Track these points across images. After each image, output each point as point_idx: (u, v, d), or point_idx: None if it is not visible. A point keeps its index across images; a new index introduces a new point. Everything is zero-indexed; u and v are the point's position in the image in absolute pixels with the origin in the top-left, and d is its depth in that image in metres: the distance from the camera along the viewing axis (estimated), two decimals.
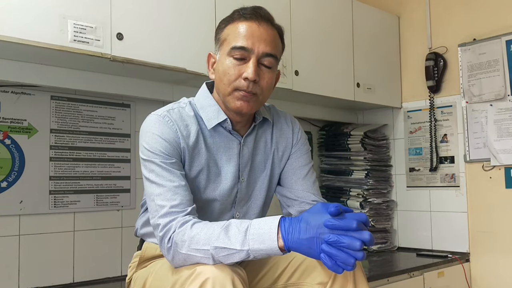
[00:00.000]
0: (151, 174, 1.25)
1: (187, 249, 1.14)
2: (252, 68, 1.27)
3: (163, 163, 1.25)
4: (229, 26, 1.32)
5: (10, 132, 1.78)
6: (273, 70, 1.34)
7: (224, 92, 1.31)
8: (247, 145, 1.41)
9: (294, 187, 1.47)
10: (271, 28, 1.32)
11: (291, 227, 1.10)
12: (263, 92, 1.32)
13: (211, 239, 1.12)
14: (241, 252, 1.10)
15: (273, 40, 1.32)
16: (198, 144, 1.33)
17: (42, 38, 1.48)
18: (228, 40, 1.31)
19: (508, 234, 2.39)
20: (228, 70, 1.29)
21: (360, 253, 1.06)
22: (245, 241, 1.10)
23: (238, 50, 1.28)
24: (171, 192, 1.22)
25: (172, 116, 1.31)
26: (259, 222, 1.13)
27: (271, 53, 1.30)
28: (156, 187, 1.23)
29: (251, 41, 1.28)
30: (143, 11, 1.71)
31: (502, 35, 2.40)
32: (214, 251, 1.11)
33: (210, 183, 1.36)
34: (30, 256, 1.80)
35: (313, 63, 2.29)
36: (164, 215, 1.20)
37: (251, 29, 1.29)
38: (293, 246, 1.09)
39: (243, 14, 1.31)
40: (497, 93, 2.41)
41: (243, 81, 1.28)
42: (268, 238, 1.10)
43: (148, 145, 1.27)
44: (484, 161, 2.46)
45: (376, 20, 2.68)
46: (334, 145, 2.80)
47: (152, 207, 1.23)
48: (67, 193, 1.89)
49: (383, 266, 2.34)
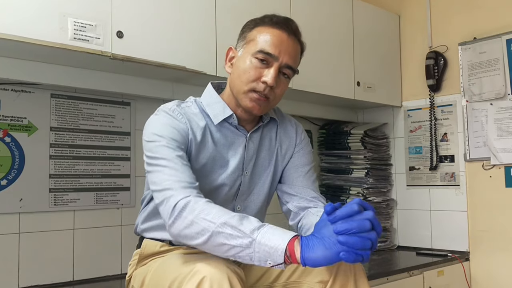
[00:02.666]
0: (156, 153, 1.25)
1: (194, 216, 1.13)
2: (273, 74, 1.32)
3: (170, 145, 1.26)
4: (259, 28, 1.37)
5: (10, 130, 1.78)
6: (288, 81, 1.41)
7: (239, 89, 1.35)
8: (253, 140, 1.44)
9: (295, 183, 1.49)
10: (297, 43, 1.40)
11: (307, 241, 1.08)
12: (276, 99, 1.38)
13: (223, 216, 1.12)
14: (244, 239, 1.09)
15: (297, 55, 1.39)
16: (205, 138, 1.37)
17: (42, 36, 1.48)
18: (256, 42, 1.35)
19: (508, 233, 2.39)
20: (250, 70, 1.33)
21: (372, 233, 1.06)
22: (255, 232, 1.09)
23: (265, 55, 1.33)
24: (177, 166, 1.22)
25: (181, 111, 1.35)
26: (275, 227, 1.12)
27: (292, 66, 1.37)
28: (164, 162, 1.23)
29: (279, 50, 1.33)
30: (143, 9, 1.71)
31: (502, 34, 2.40)
32: (219, 228, 1.10)
33: (214, 173, 1.38)
34: (30, 254, 1.80)
35: (313, 61, 2.29)
36: (173, 182, 1.19)
37: (281, 38, 1.34)
38: (310, 257, 1.07)
39: (276, 22, 1.36)
40: (497, 92, 2.41)
41: (261, 84, 1.33)
42: (278, 237, 1.08)
43: (156, 129, 1.29)
44: (484, 160, 2.46)
45: (376, 19, 2.68)
46: (334, 143, 2.80)
47: (158, 177, 1.22)
48: (67, 191, 1.89)
49: (383, 265, 2.34)
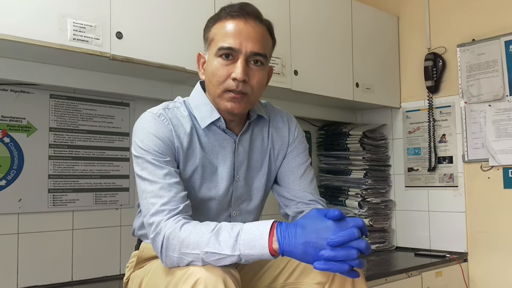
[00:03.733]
0: (143, 172, 1.23)
1: (178, 252, 1.13)
2: (240, 68, 1.25)
3: (156, 161, 1.23)
4: (216, 25, 1.30)
5: (9, 130, 1.78)
6: (264, 68, 1.31)
7: (214, 93, 1.30)
8: (242, 143, 1.39)
9: (291, 187, 1.45)
10: (259, 25, 1.29)
11: (287, 231, 1.10)
12: (254, 91, 1.30)
13: (201, 244, 1.11)
14: (232, 257, 1.10)
15: (261, 38, 1.28)
16: (193, 143, 1.32)
17: (41, 36, 1.48)
18: (215, 40, 1.29)
19: (506, 234, 2.40)
20: (217, 71, 1.27)
21: (355, 261, 1.06)
22: (236, 246, 1.09)
23: (225, 50, 1.26)
24: (163, 189, 1.20)
25: (168, 115, 1.30)
26: (250, 227, 1.12)
27: (259, 52, 1.27)
28: (148, 184, 1.22)
29: (238, 41, 1.25)
30: (142, 10, 1.71)
31: (501, 36, 2.41)
32: (204, 255, 1.11)
33: (205, 182, 1.35)
34: (29, 255, 1.80)
35: (312, 63, 2.29)
36: (154, 213, 1.18)
37: (238, 28, 1.26)
38: (288, 250, 1.09)
39: (230, 12, 1.28)
40: (496, 93, 2.41)
41: (232, 82, 1.26)
42: (259, 244, 1.09)
43: (142, 142, 1.25)
44: (483, 161, 2.47)
45: (375, 20, 2.68)
46: (333, 144, 2.80)
47: (144, 205, 1.22)
48: (66, 192, 1.89)
49: (381, 266, 2.34)
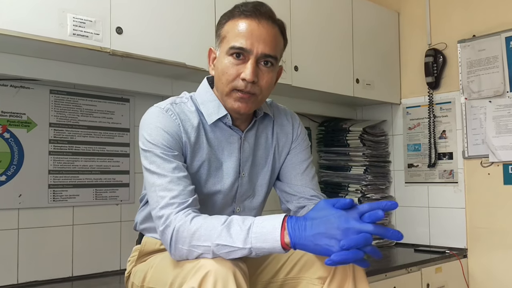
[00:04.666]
0: (152, 165, 1.24)
1: (188, 245, 1.14)
2: (250, 69, 1.25)
3: (164, 155, 1.24)
4: (229, 22, 1.30)
5: (9, 125, 1.77)
6: (273, 69, 1.32)
7: (222, 91, 1.31)
8: (248, 140, 1.40)
9: (293, 182, 1.47)
10: (272, 26, 1.29)
11: (297, 224, 1.11)
12: (263, 92, 1.30)
13: (212, 236, 1.12)
14: (244, 250, 1.11)
15: (273, 39, 1.29)
16: (200, 139, 1.33)
17: (41, 31, 1.48)
18: (227, 38, 1.29)
19: (505, 230, 2.40)
20: (227, 70, 1.27)
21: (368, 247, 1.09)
22: (247, 239, 1.10)
23: (237, 50, 1.26)
24: (172, 183, 1.21)
25: (175, 110, 1.31)
26: (262, 221, 1.13)
27: (270, 53, 1.28)
28: (157, 178, 1.23)
29: (250, 41, 1.25)
30: (142, 5, 1.71)
31: (501, 32, 2.40)
32: (215, 247, 1.11)
33: (211, 177, 1.36)
34: (29, 250, 1.80)
35: (312, 58, 2.29)
36: (164, 206, 1.19)
37: (251, 28, 1.26)
38: (299, 243, 1.10)
39: (244, 11, 1.28)
40: (496, 89, 2.41)
41: (241, 82, 1.26)
42: (271, 238, 1.10)
43: (150, 136, 1.26)
44: (483, 157, 2.47)
45: (375, 16, 2.68)
46: (333, 140, 2.80)
47: (153, 198, 1.23)
48: (66, 187, 1.89)
49: (381, 262, 2.33)
